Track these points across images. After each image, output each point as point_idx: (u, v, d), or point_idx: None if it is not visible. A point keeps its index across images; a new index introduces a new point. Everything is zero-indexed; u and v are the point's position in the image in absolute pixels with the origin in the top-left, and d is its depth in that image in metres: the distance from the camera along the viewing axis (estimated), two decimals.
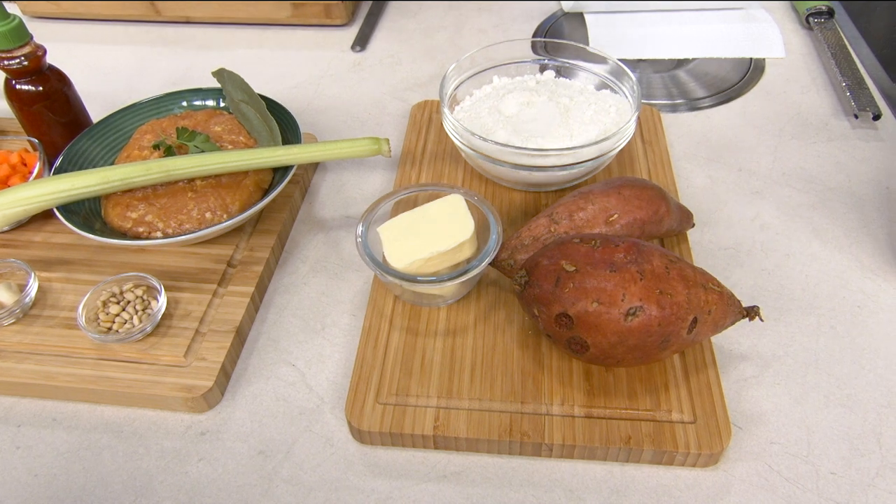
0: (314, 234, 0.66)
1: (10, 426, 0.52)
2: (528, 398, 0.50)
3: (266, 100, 0.67)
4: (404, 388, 0.51)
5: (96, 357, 0.54)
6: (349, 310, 0.59)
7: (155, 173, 0.57)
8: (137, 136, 0.66)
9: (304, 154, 0.59)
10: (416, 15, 0.98)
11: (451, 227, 0.53)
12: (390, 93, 0.84)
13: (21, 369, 0.53)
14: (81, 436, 0.51)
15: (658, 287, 0.45)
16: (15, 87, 0.63)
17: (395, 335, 0.54)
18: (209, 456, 0.50)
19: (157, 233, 0.58)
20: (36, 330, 0.56)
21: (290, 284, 0.61)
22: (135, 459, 0.50)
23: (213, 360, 0.53)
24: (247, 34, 0.95)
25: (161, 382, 0.52)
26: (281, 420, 0.52)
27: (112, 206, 0.59)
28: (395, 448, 0.50)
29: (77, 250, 0.62)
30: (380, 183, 0.71)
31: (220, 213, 0.59)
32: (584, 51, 0.70)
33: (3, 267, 0.58)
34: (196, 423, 0.52)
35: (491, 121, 0.64)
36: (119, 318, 0.54)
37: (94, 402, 0.53)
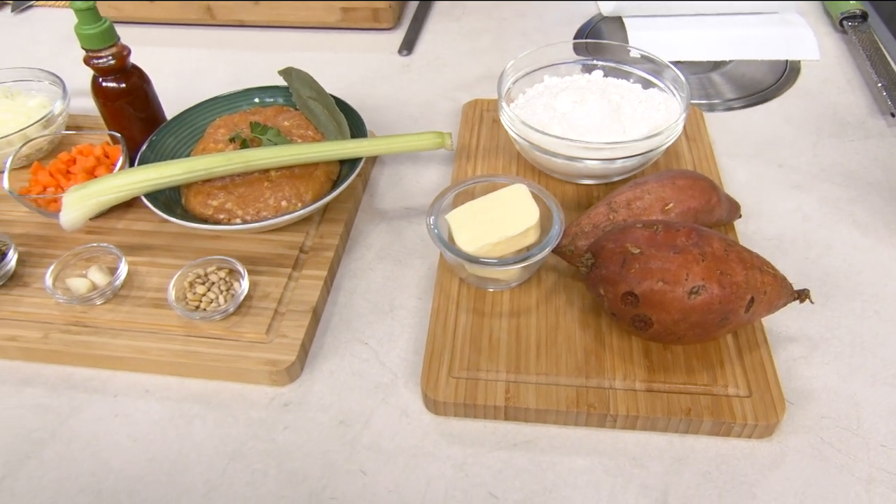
0: (376, 224, 0.69)
1: (107, 396, 0.56)
2: (591, 373, 0.53)
3: (332, 97, 0.71)
4: (475, 363, 0.54)
5: (184, 334, 0.58)
6: (415, 293, 0.63)
7: (235, 163, 0.61)
8: (211, 131, 0.70)
9: (372, 147, 0.63)
10: (458, 19, 1.02)
11: (516, 213, 0.57)
12: (439, 93, 0.87)
13: (116, 344, 0.57)
14: (173, 406, 0.55)
15: (719, 268, 0.49)
16: (101, 84, 0.67)
17: (462, 316, 0.58)
18: (293, 425, 0.53)
19: (237, 219, 0.62)
20: (126, 309, 0.60)
21: (358, 270, 0.65)
22: (224, 427, 0.53)
23: (293, 337, 0.57)
24: (298, 37, 0.99)
25: (247, 357, 0.55)
26: (358, 393, 0.55)
27: (193, 194, 0.63)
28: (466, 419, 0.53)
29: (157, 237, 0.66)
30: (436, 176, 0.75)
31: (294, 202, 0.63)
32: (633, 52, 0.74)
33: (95, 251, 0.62)
34: (278, 395, 0.56)
35: (546, 117, 0.67)
36: (206, 298, 0.58)
37: (182, 375, 0.57)
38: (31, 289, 0.62)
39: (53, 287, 0.59)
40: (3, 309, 0.60)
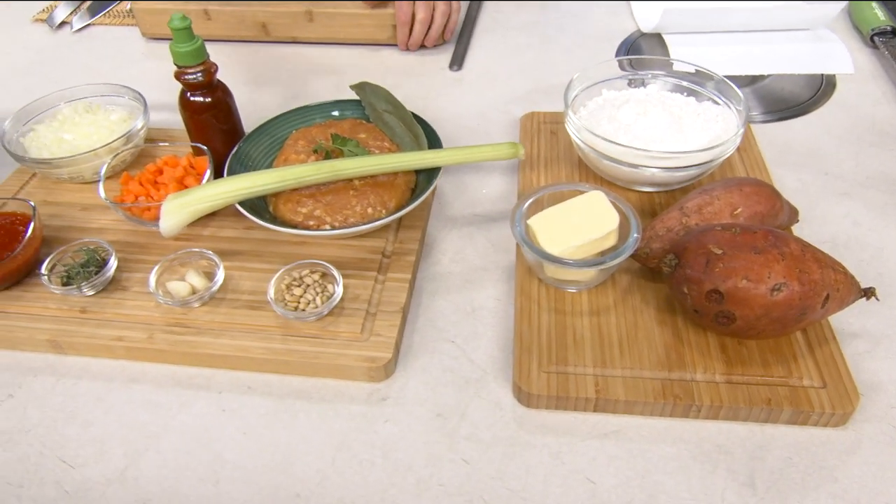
0: (448, 230, 0.73)
1: (212, 392, 0.59)
2: (673, 367, 0.57)
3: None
4: (562, 358, 0.58)
5: (282, 333, 0.61)
6: (493, 295, 0.66)
7: (325, 173, 0.65)
8: (291, 143, 0.74)
9: (452, 156, 0.67)
10: (503, 36, 1.06)
11: (597, 218, 0.61)
12: (492, 106, 0.91)
13: (219, 343, 0.60)
14: (276, 401, 0.58)
15: (798, 266, 0.52)
16: (189, 99, 0.71)
17: (544, 315, 0.61)
18: (394, 418, 0.57)
19: (326, 226, 0.66)
20: (224, 311, 0.63)
21: (437, 273, 0.68)
22: (328, 420, 0.57)
23: (387, 335, 0.60)
24: (351, 53, 1.03)
25: (345, 354, 0.59)
26: (451, 388, 0.59)
27: (283, 202, 0.67)
28: (557, 411, 0.56)
29: (243, 242, 0.70)
30: (498, 185, 0.79)
31: (379, 209, 0.67)
32: (685, 67, 0.78)
33: (192, 255, 0.66)
34: (376, 390, 0.59)
35: (612, 128, 0.71)
36: (303, 300, 0.61)
37: (282, 372, 0.60)
38: (130, 292, 0.65)
39: (156, 290, 0.63)
40: (106, 311, 0.63)
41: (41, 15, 1.15)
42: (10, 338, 0.62)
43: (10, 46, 1.08)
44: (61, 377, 0.61)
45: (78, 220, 0.73)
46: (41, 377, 0.61)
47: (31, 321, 0.63)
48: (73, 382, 0.60)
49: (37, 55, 1.06)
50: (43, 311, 0.64)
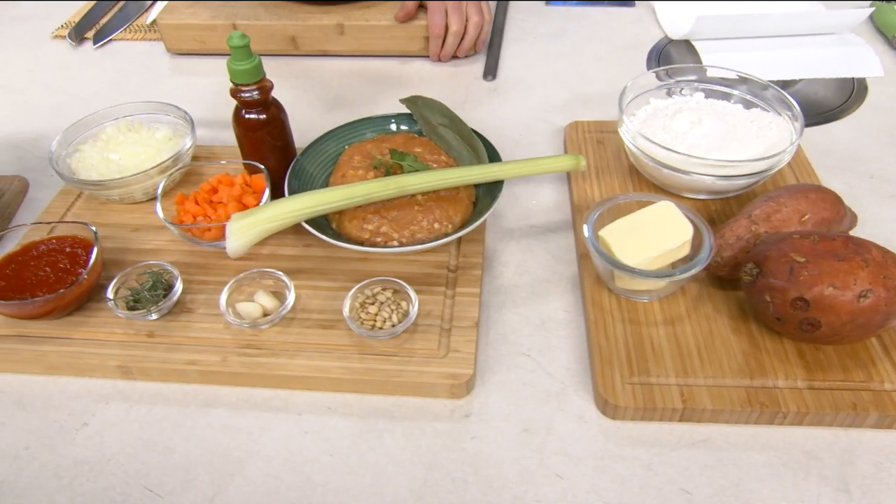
0: (506, 242, 0.73)
1: (291, 414, 0.58)
2: (754, 374, 0.57)
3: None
4: (644, 369, 0.58)
5: (358, 352, 0.60)
6: (560, 306, 0.66)
7: (392, 189, 0.64)
8: (346, 158, 0.73)
9: (516, 169, 0.67)
10: (532, 45, 1.07)
11: (670, 228, 0.61)
12: (532, 115, 0.92)
13: (296, 364, 0.59)
14: (358, 422, 0.58)
15: (882, 273, 0.53)
16: (244, 116, 0.70)
17: (618, 326, 0.62)
18: (480, 434, 0.56)
19: (393, 242, 0.65)
20: (295, 330, 0.62)
21: (501, 286, 0.68)
22: (414, 439, 0.56)
23: (466, 351, 0.60)
24: (380, 65, 1.03)
25: (427, 372, 0.58)
26: (533, 402, 0.58)
27: (348, 219, 0.66)
28: (642, 422, 0.57)
29: (304, 260, 0.69)
30: (550, 196, 0.79)
31: (445, 224, 0.66)
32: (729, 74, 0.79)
33: (259, 275, 0.65)
34: (458, 407, 0.59)
35: (668, 137, 0.72)
36: (379, 317, 0.60)
37: (361, 391, 0.60)
38: (196, 314, 0.64)
39: (227, 311, 0.62)
40: (174, 335, 0.62)
41: (60, 31, 1.13)
42: (79, 364, 0.61)
43: (33, 64, 1.06)
44: (134, 403, 0.60)
45: (131, 242, 0.72)
46: (113, 404, 0.60)
47: (100, 347, 0.62)
48: (147, 409, 0.59)
49: (61, 72, 1.04)
50: (109, 337, 0.63)
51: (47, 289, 0.62)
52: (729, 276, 0.63)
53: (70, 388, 0.61)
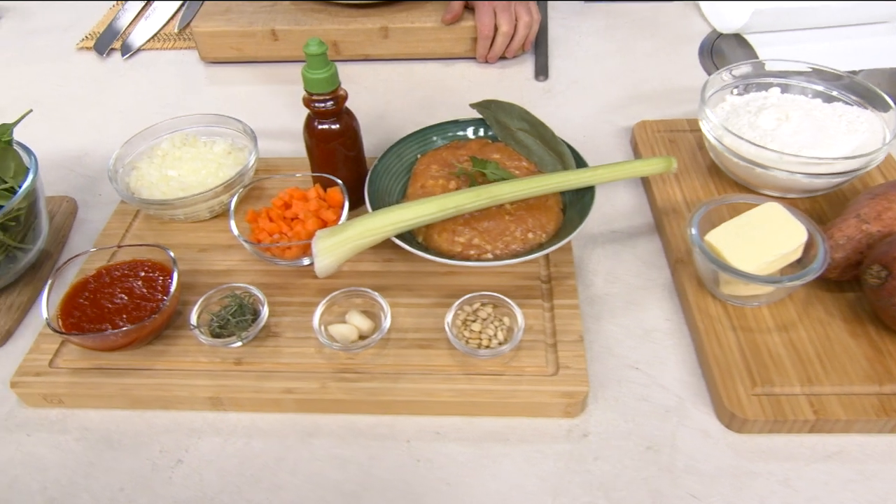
0: (591, 249, 0.70)
1: (399, 442, 0.55)
2: (883, 381, 0.55)
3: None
4: (766, 379, 0.55)
5: (462, 372, 0.57)
6: (661, 315, 0.64)
7: (484, 199, 0.61)
8: (423, 167, 0.70)
9: (609, 174, 0.64)
10: (578, 43, 1.04)
11: (782, 231, 0.59)
12: (593, 115, 0.89)
13: (401, 388, 0.56)
14: (473, 446, 0.55)
15: None
16: (317, 127, 0.67)
17: (730, 333, 0.59)
18: (603, 454, 0.54)
19: (487, 254, 0.62)
20: (392, 352, 0.59)
21: (594, 296, 0.66)
22: (535, 463, 0.53)
23: (576, 367, 0.57)
24: (425, 68, 1.00)
25: (541, 391, 0.56)
26: (651, 418, 0.56)
27: (437, 233, 0.63)
28: (770, 434, 0.54)
29: (387, 276, 0.66)
30: (627, 199, 0.76)
31: (539, 233, 0.64)
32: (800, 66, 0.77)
33: (350, 295, 0.62)
34: (573, 426, 0.56)
35: (756, 135, 0.69)
36: (484, 335, 0.58)
37: (469, 414, 0.57)
38: (283, 339, 0.61)
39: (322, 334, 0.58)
40: (264, 361, 0.59)
41: (86, 42, 1.08)
42: (167, 397, 0.57)
43: (62, 78, 1.02)
44: (228, 437, 0.56)
45: (200, 263, 0.68)
46: (206, 438, 0.56)
47: (186, 377, 0.58)
48: (243, 441, 0.56)
49: (93, 85, 1.00)
50: (194, 366, 0.59)
51: (128, 317, 0.58)
52: (839, 278, 0.61)
53: (157, 423, 0.57)
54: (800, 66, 0.77)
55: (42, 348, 0.61)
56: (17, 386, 0.58)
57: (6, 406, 0.59)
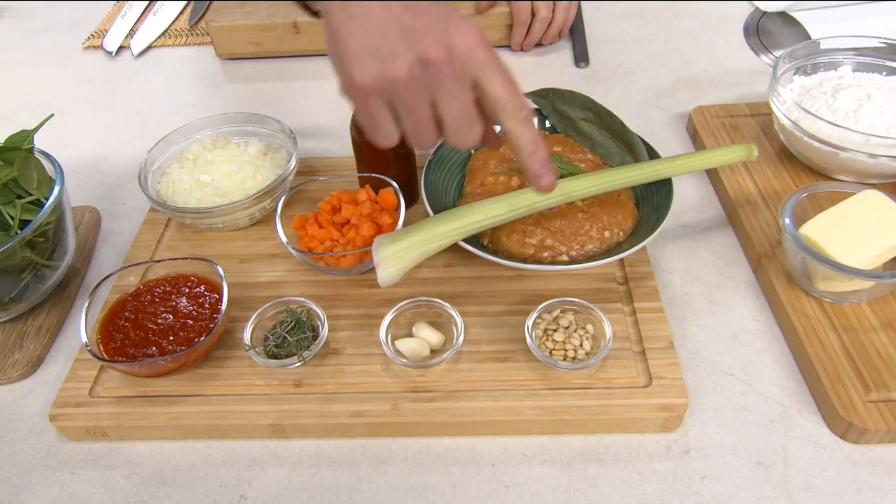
0: (663, 245, 0.65)
1: (483, 466, 0.50)
2: None
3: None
4: (881, 383, 0.51)
5: (546, 387, 0.52)
6: (747, 314, 0.59)
7: (557, 196, 0.56)
8: (479, 163, 0.65)
9: (688, 165, 0.59)
10: (615, 26, 0.99)
11: (886, 221, 0.54)
12: (643, 102, 0.84)
13: (481, 408, 0.51)
14: (564, 469, 0.50)
15: None
16: None
17: (831, 334, 0.54)
18: (710, 473, 0.49)
19: (562, 256, 0.57)
20: (466, 367, 0.54)
21: (673, 296, 0.61)
22: (635, 485, 0.49)
23: (672, 377, 0.52)
24: None
25: (636, 405, 0.51)
26: (755, 429, 0.51)
27: (506, 234, 0.58)
28: (890, 444, 0.50)
29: (448, 283, 0.61)
30: (692, 191, 0.71)
31: (616, 231, 0.59)
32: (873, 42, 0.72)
33: (415, 306, 0.57)
34: (673, 442, 0.51)
35: (837, 118, 0.65)
36: (569, 345, 0.53)
37: (556, 433, 0.52)
38: (345, 356, 0.56)
39: (392, 351, 0.53)
40: (326, 382, 0.54)
41: (93, 41, 1.02)
42: (222, 426, 0.52)
43: (70, 79, 0.96)
44: (293, 467, 0.51)
45: (244, 275, 0.63)
46: (270, 469, 0.51)
47: (242, 403, 0.53)
48: (311, 472, 0.51)
49: (104, 86, 0.94)
50: (249, 390, 0.54)
51: (174, 339, 0.53)
52: None
53: (213, 454, 0.52)
54: (872, 41, 0.72)
55: (80, 375, 0.56)
56: (58, 419, 0.53)
57: (45, 441, 0.54)
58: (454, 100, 0.44)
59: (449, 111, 0.44)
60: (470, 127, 0.45)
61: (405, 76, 0.43)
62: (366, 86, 0.43)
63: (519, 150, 0.47)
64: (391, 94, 0.44)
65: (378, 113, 0.45)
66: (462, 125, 0.45)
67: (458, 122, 0.45)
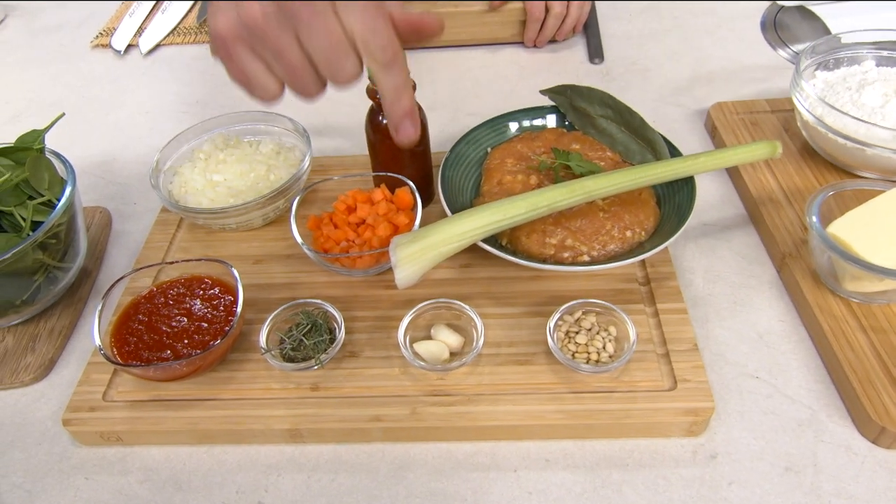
0: (684, 244, 0.64)
1: (505, 472, 0.49)
2: None
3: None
4: None
5: (569, 391, 0.51)
6: (773, 315, 0.58)
7: (578, 195, 0.55)
8: (496, 162, 0.64)
9: (710, 162, 0.58)
10: (630, 22, 0.97)
11: None
12: (659, 98, 0.83)
13: (504, 412, 0.50)
14: (588, 475, 0.49)
15: None
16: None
17: (859, 335, 0.53)
18: (737, 479, 0.48)
19: (583, 256, 0.56)
20: (486, 369, 0.53)
21: (696, 297, 0.60)
22: (661, 492, 0.47)
23: (696, 380, 0.51)
24: (470, 54, 0.93)
25: (661, 409, 0.50)
26: (783, 434, 0.50)
27: (525, 234, 0.57)
28: None
29: (465, 284, 0.60)
30: (712, 188, 0.70)
31: (638, 231, 0.57)
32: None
33: (433, 307, 0.55)
34: (698, 447, 0.50)
35: (864, 113, 0.63)
36: (592, 348, 0.51)
37: (580, 437, 0.51)
38: (362, 359, 0.55)
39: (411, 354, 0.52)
40: (343, 386, 0.53)
41: (101, 40, 1.01)
42: (239, 430, 0.51)
43: (79, 78, 0.95)
44: (311, 473, 0.50)
45: (258, 276, 0.62)
46: (287, 475, 0.50)
47: (258, 407, 0.52)
48: (329, 478, 0.50)
49: (113, 84, 0.93)
50: (266, 394, 0.53)
51: (189, 342, 0.52)
52: None
53: (229, 459, 0.51)
54: (893, 35, 0.71)
55: (93, 379, 0.55)
56: (71, 424, 0.52)
57: (59, 445, 0.53)
58: (315, 31, 0.39)
59: (313, 45, 0.39)
60: (342, 58, 0.39)
61: (260, 15, 0.39)
62: (224, 34, 0.40)
63: (381, 96, 0.42)
64: (253, 41, 0.40)
65: (247, 65, 0.41)
66: (331, 58, 0.40)
67: (326, 54, 0.40)
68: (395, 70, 0.41)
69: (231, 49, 0.41)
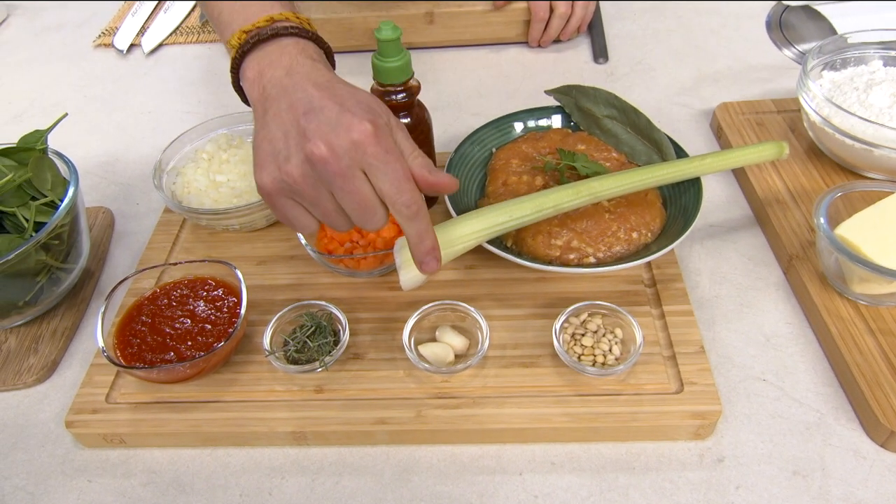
0: (689, 246, 0.64)
1: (510, 475, 0.49)
2: None
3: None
4: None
5: (574, 393, 0.51)
6: (780, 318, 0.57)
7: (584, 196, 0.54)
8: (501, 162, 0.64)
9: (717, 163, 0.58)
10: (635, 22, 0.97)
11: None
12: (664, 99, 0.82)
13: (509, 414, 0.50)
14: (594, 478, 0.48)
15: None
16: None
17: (867, 338, 0.53)
18: (744, 483, 0.47)
19: (589, 258, 0.56)
20: (491, 372, 0.53)
21: (702, 299, 0.59)
22: (668, 496, 0.47)
23: (703, 383, 0.51)
24: (474, 54, 0.93)
25: (668, 412, 0.49)
26: (792, 437, 0.50)
27: (531, 235, 0.57)
28: None
29: (470, 286, 0.59)
30: (718, 189, 0.70)
31: (644, 232, 0.57)
32: None
33: (438, 309, 0.55)
34: (705, 450, 0.49)
35: (872, 114, 0.63)
36: (598, 350, 0.51)
37: (584, 440, 0.50)
38: (366, 361, 0.54)
39: (416, 356, 0.52)
40: (348, 388, 0.53)
41: (104, 39, 1.01)
42: (242, 433, 0.51)
43: (82, 78, 0.95)
44: (315, 476, 0.50)
45: (261, 277, 0.62)
46: (291, 478, 0.50)
47: (261, 410, 0.51)
48: (333, 481, 0.49)
49: (115, 85, 0.93)
50: (269, 396, 0.53)
51: (192, 343, 0.52)
52: None
53: (232, 462, 0.51)
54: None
55: (96, 381, 0.54)
56: (74, 426, 0.51)
57: (61, 447, 0.53)
58: (346, 193, 0.44)
59: (345, 203, 0.45)
60: (369, 215, 0.45)
61: (299, 175, 0.44)
62: (269, 189, 0.45)
63: (407, 239, 0.47)
64: (293, 193, 0.45)
65: (288, 211, 0.47)
66: (361, 214, 0.45)
67: (357, 211, 0.45)
68: (419, 219, 0.45)
69: (274, 200, 0.46)
